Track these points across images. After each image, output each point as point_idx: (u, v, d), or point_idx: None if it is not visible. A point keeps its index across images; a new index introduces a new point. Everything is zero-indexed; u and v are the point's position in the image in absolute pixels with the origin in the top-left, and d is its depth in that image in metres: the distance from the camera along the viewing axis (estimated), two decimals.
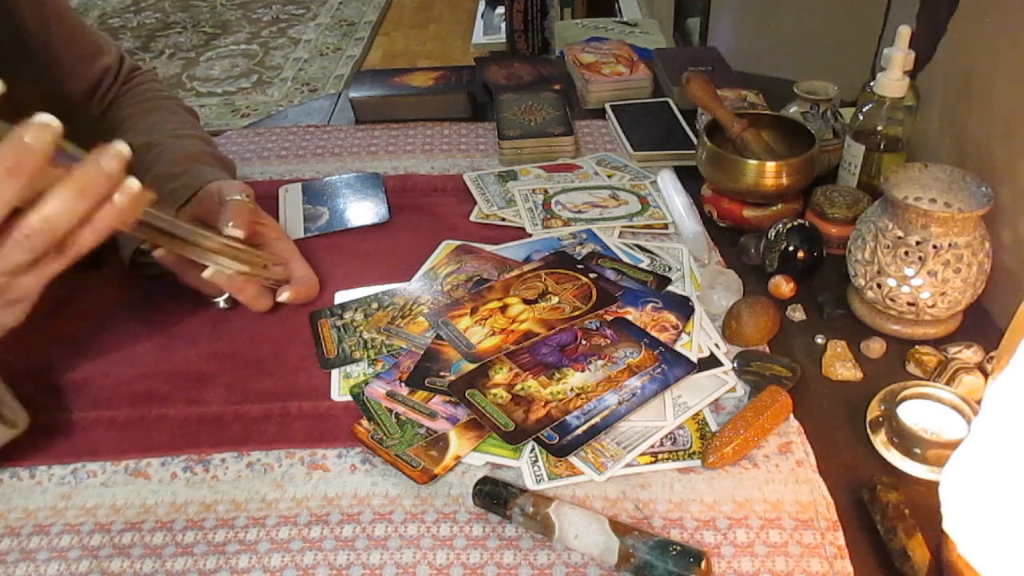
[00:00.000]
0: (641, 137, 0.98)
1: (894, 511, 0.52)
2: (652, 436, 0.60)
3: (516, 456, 0.59)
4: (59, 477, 0.60)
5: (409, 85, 1.10)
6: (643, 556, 0.50)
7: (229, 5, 3.96)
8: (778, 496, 0.56)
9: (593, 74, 1.11)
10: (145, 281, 0.77)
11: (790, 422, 0.62)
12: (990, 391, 0.45)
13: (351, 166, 0.98)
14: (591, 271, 0.75)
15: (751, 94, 1.01)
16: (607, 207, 0.86)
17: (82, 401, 0.66)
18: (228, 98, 3.08)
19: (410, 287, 0.76)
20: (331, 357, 0.69)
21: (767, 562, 0.52)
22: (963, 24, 0.79)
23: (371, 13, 3.82)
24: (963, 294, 0.65)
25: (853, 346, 0.68)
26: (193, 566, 0.53)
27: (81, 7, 3.97)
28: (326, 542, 0.55)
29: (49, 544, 0.55)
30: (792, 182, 0.78)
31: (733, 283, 0.73)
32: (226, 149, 1.02)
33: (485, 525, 0.55)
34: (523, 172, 0.94)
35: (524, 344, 0.67)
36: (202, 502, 0.58)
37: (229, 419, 0.64)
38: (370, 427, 0.62)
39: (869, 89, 0.81)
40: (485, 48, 3.16)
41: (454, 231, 0.85)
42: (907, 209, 0.63)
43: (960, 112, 0.79)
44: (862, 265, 0.68)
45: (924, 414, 0.59)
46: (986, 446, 0.44)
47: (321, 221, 0.88)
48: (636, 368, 0.65)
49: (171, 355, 0.71)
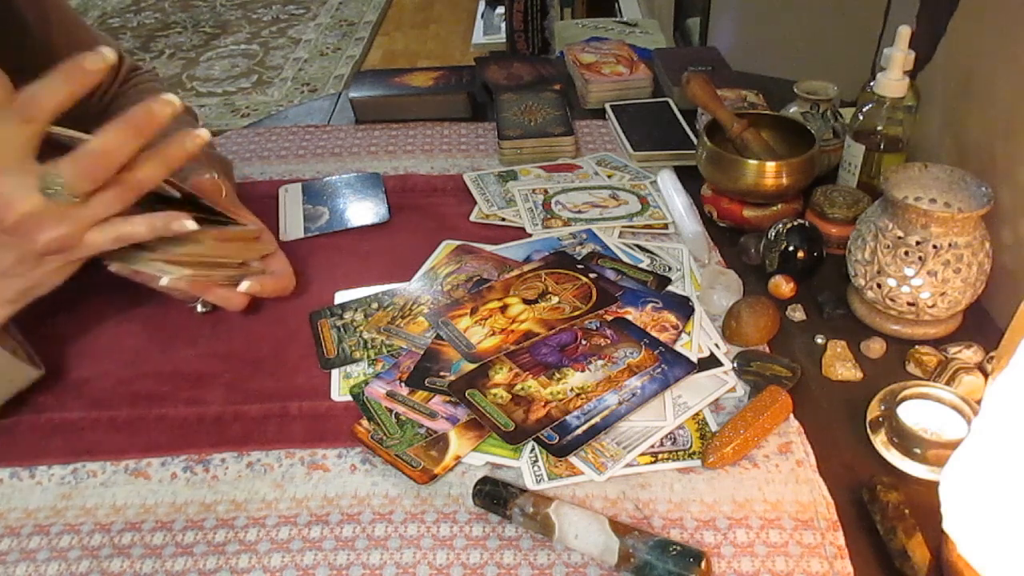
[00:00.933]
0: (641, 137, 0.98)
1: (894, 511, 0.52)
2: (652, 436, 0.60)
3: (516, 456, 0.59)
4: (59, 477, 0.60)
5: (409, 85, 1.10)
6: (643, 556, 0.50)
7: (229, 5, 3.96)
8: (778, 496, 0.56)
9: (593, 74, 1.11)
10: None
11: (790, 422, 0.62)
12: (990, 391, 0.45)
13: (351, 166, 0.98)
14: (591, 271, 0.75)
15: (751, 94, 1.01)
16: (607, 207, 0.86)
17: (82, 401, 0.66)
18: (228, 98, 3.07)
19: (410, 287, 0.76)
20: (331, 357, 0.69)
21: (767, 562, 0.52)
22: (963, 24, 0.79)
23: (371, 13, 3.82)
24: (963, 294, 0.65)
25: (853, 346, 0.68)
26: (193, 566, 0.53)
27: (81, 7, 3.97)
28: (326, 542, 0.55)
29: (49, 544, 0.55)
30: (792, 182, 0.78)
31: (733, 283, 0.73)
32: (226, 149, 1.02)
33: (485, 525, 0.55)
34: (523, 172, 0.94)
35: (524, 344, 0.67)
36: (202, 502, 0.58)
37: (229, 419, 0.64)
38: (370, 427, 0.62)
39: (869, 89, 0.81)
40: (485, 48, 3.15)
41: (454, 231, 0.85)
42: (907, 209, 0.63)
43: (960, 112, 0.79)
44: (862, 265, 0.68)
45: (924, 414, 0.59)
46: (986, 446, 0.44)
47: (321, 221, 0.88)
48: (636, 368, 0.65)
49: (171, 355, 0.71)
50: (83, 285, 0.78)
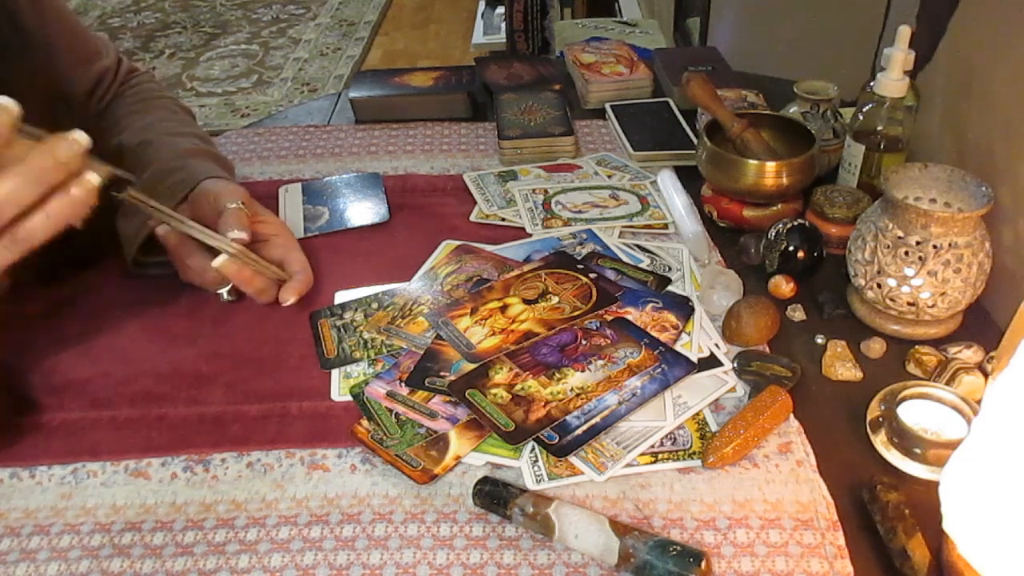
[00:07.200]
0: (641, 137, 0.98)
1: (894, 511, 0.52)
2: (652, 436, 0.60)
3: (516, 456, 0.59)
4: (59, 477, 0.60)
5: (409, 85, 1.10)
6: (643, 556, 0.50)
7: (229, 5, 3.96)
8: (778, 496, 0.56)
9: (593, 74, 1.11)
10: (146, 281, 0.77)
11: (790, 422, 0.62)
12: (990, 391, 0.45)
13: (351, 166, 0.98)
14: (591, 271, 0.75)
15: (751, 94, 1.01)
16: (607, 207, 0.86)
17: (82, 401, 0.66)
18: (228, 98, 3.07)
19: (410, 287, 0.76)
20: (331, 357, 0.69)
21: (767, 562, 0.52)
22: (963, 24, 0.79)
23: (371, 13, 3.82)
24: (963, 294, 0.65)
25: (853, 346, 0.68)
26: (193, 566, 0.53)
27: (81, 7, 3.97)
28: (326, 542, 0.55)
29: (49, 544, 0.55)
30: (792, 182, 0.78)
31: (733, 283, 0.73)
32: (226, 149, 1.02)
33: (485, 525, 0.55)
34: (523, 172, 0.94)
35: (524, 344, 0.67)
36: (202, 502, 0.58)
37: (229, 419, 0.64)
38: (370, 427, 0.62)
39: (869, 89, 0.81)
40: (485, 48, 3.15)
41: (454, 231, 0.85)
42: (907, 209, 0.63)
43: (960, 112, 0.79)
44: (862, 265, 0.68)
45: (924, 414, 0.59)
46: (986, 446, 0.44)
47: (321, 221, 0.88)
48: (636, 368, 0.65)
49: (171, 355, 0.71)
50: (83, 285, 0.79)
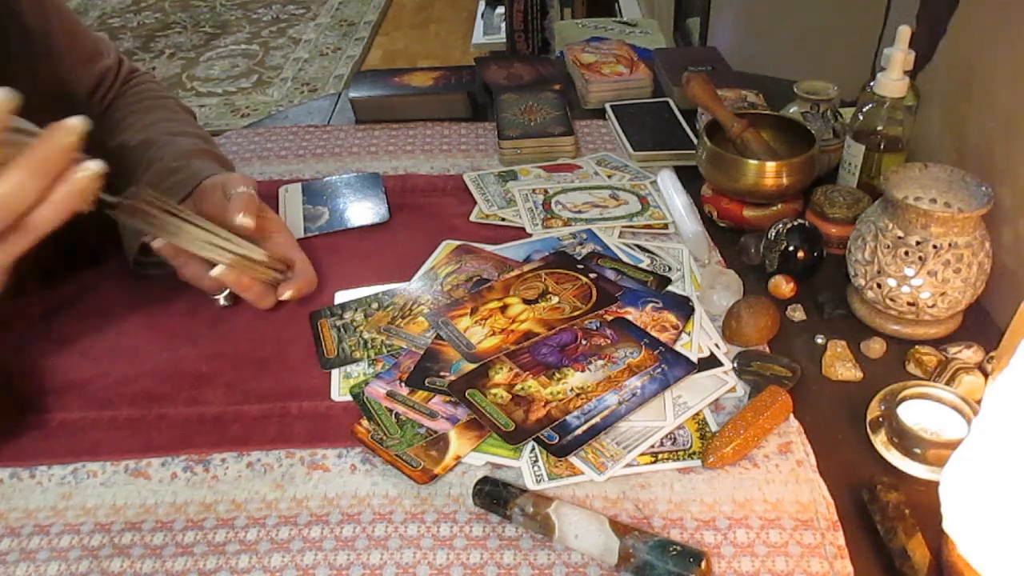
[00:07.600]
0: (641, 137, 0.98)
1: (894, 511, 0.52)
2: (652, 436, 0.60)
3: (516, 456, 0.59)
4: (59, 477, 0.60)
5: (409, 85, 1.10)
6: (643, 556, 0.50)
7: (229, 5, 3.96)
8: (778, 496, 0.56)
9: (593, 74, 1.11)
10: (146, 281, 0.77)
11: (790, 422, 0.62)
12: (990, 391, 0.45)
13: (351, 166, 0.98)
14: (591, 271, 0.75)
15: (751, 94, 1.01)
16: (607, 207, 0.86)
17: (82, 401, 0.66)
18: (228, 98, 3.08)
19: (410, 287, 0.76)
20: (331, 357, 0.69)
21: (767, 562, 0.52)
22: (963, 24, 0.79)
23: (371, 13, 3.82)
24: (963, 294, 0.65)
25: (853, 346, 0.68)
26: (193, 566, 0.53)
27: (81, 7, 3.97)
28: (326, 542, 0.55)
29: (49, 544, 0.55)
30: (792, 182, 0.78)
31: (733, 283, 0.73)
32: (226, 149, 1.02)
33: (485, 525, 0.55)
34: (523, 172, 0.94)
35: (524, 344, 0.67)
36: (202, 502, 0.58)
37: (229, 419, 0.64)
38: (370, 427, 0.62)
39: (869, 89, 0.81)
40: (485, 48, 3.15)
41: (454, 231, 0.84)
42: (907, 209, 0.63)
43: (960, 112, 0.79)
44: (862, 265, 0.68)
45: (924, 414, 0.59)
46: (986, 446, 0.44)
47: (321, 221, 0.88)
48: (636, 368, 0.65)
49: (171, 355, 0.70)
50: (83, 285, 0.79)
